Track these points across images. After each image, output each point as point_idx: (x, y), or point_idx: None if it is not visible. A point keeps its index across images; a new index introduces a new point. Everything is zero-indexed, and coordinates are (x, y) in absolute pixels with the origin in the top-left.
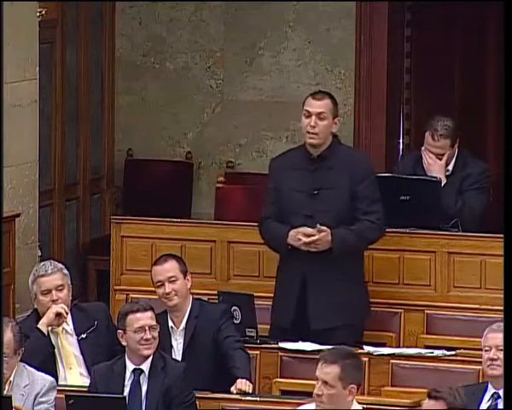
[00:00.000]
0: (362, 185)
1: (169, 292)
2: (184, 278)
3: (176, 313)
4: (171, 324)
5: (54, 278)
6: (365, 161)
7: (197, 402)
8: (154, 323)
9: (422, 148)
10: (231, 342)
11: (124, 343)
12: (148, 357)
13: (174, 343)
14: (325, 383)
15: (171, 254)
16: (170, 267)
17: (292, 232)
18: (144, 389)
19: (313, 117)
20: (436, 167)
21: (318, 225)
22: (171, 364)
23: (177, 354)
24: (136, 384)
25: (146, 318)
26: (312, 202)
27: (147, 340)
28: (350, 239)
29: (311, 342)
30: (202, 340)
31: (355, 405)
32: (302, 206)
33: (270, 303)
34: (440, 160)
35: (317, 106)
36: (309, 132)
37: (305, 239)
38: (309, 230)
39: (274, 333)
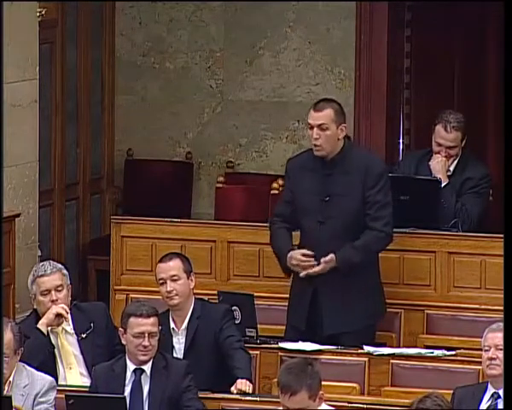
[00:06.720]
0: (373, 190)
1: (170, 291)
2: (188, 278)
3: (177, 312)
4: (172, 325)
5: (53, 278)
6: (378, 165)
7: None
8: (154, 330)
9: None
10: (232, 342)
11: (124, 342)
12: (146, 362)
13: (176, 343)
14: None
15: (176, 253)
16: (173, 266)
17: (289, 257)
18: (146, 389)
19: (315, 129)
20: (438, 165)
21: (322, 259)
22: (173, 363)
23: (179, 353)
24: (137, 384)
25: (147, 324)
26: (324, 207)
27: (145, 347)
28: (356, 259)
29: (324, 344)
30: (204, 340)
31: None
32: (314, 210)
33: (271, 303)
34: (450, 155)
35: (316, 118)
36: (314, 145)
37: (308, 271)
38: (310, 268)
39: (290, 333)
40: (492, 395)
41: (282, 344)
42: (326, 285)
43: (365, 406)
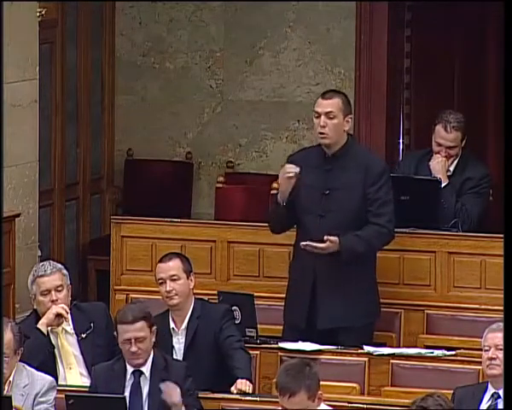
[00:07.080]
0: (374, 187)
1: (169, 290)
2: (187, 277)
3: (177, 312)
4: (172, 325)
5: (53, 278)
6: (378, 164)
7: None
8: (141, 335)
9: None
10: (232, 342)
11: (120, 346)
12: (140, 365)
13: (175, 343)
14: None
15: (176, 253)
16: (173, 266)
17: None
18: (146, 390)
19: (322, 117)
20: (438, 165)
21: (326, 237)
22: (173, 364)
23: (179, 353)
24: (136, 386)
25: (133, 330)
26: (324, 201)
27: (132, 353)
28: (358, 248)
29: (322, 342)
30: (204, 340)
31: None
32: (315, 204)
33: (271, 303)
34: (450, 155)
35: (325, 105)
36: (320, 133)
37: (309, 243)
38: (317, 245)
39: (288, 332)
40: (492, 395)
41: (281, 344)
42: (325, 284)
43: (365, 406)
